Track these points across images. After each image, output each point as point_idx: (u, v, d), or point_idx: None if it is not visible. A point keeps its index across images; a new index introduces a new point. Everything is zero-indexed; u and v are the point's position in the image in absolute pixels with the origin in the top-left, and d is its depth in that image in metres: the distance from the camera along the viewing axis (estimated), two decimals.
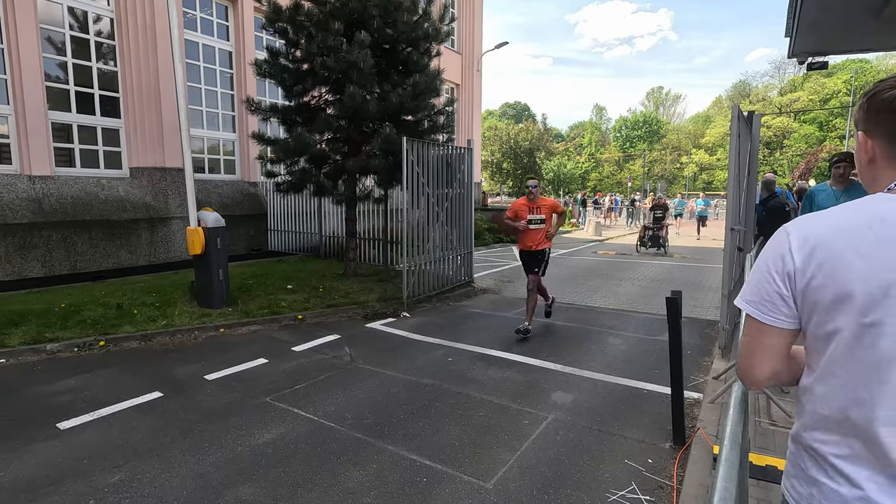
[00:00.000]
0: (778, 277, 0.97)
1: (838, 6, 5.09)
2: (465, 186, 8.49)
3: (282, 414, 3.78)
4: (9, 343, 5.04)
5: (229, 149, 11.87)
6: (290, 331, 6.07)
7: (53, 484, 2.85)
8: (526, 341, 5.72)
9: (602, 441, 3.43)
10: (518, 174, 29.15)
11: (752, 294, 1.02)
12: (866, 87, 26.34)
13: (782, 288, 0.97)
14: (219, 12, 11.32)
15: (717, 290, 8.01)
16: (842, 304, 0.89)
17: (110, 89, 9.47)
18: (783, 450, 3.09)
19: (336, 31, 7.11)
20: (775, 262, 0.98)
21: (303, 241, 11.45)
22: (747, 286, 1.05)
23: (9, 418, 3.67)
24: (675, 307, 3.24)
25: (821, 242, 0.92)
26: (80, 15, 9.02)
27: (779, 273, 0.97)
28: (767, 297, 0.99)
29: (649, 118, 70.39)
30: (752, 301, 1.02)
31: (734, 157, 4.76)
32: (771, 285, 0.98)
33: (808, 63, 6.82)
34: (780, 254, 0.97)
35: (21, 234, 7.87)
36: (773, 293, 0.98)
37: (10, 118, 8.15)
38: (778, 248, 0.98)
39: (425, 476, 2.98)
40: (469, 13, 20.13)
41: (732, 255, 5.02)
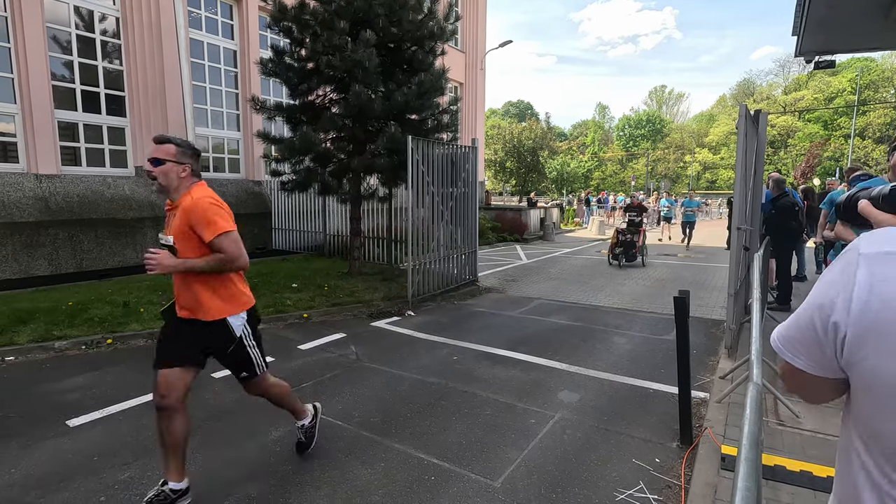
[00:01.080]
0: (820, 327, 0.81)
1: (846, 4, 5.07)
2: (470, 185, 8.49)
3: (289, 412, 3.78)
4: (17, 341, 5.07)
5: (233, 147, 11.89)
6: (295, 329, 6.09)
7: (64, 480, 2.87)
8: (531, 340, 5.72)
9: (609, 440, 3.43)
10: (521, 173, 29.12)
11: (788, 332, 0.89)
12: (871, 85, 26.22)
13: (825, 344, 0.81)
14: (223, 11, 11.33)
15: (723, 290, 8.00)
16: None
17: (116, 88, 9.49)
18: (791, 449, 3.10)
19: (341, 30, 7.12)
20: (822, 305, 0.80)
21: (307, 240, 11.47)
22: (790, 321, 0.90)
23: (19, 416, 3.70)
24: (683, 306, 3.24)
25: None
26: (86, 14, 9.05)
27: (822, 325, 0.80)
28: (804, 345, 0.85)
29: (653, 117, 70.22)
30: (785, 341, 0.89)
31: (741, 156, 4.75)
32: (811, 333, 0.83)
33: (815, 62, 6.79)
34: (831, 299, 0.79)
35: (28, 233, 7.91)
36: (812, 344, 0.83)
37: (17, 117, 8.18)
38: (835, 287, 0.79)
39: (433, 474, 2.99)
40: (473, 11, 20.10)
41: (739, 255, 5.01)
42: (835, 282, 0.80)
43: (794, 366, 0.87)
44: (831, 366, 0.81)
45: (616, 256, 11.34)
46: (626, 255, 11.26)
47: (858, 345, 0.75)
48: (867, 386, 0.76)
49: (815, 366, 0.84)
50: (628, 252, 11.25)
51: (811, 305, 0.83)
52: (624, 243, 11.36)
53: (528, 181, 29.47)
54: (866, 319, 0.73)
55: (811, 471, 2.84)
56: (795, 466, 2.89)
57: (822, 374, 0.84)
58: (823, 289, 0.82)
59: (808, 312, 0.83)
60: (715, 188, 56.53)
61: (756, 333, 2.42)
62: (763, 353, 2.46)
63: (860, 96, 46.19)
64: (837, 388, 0.85)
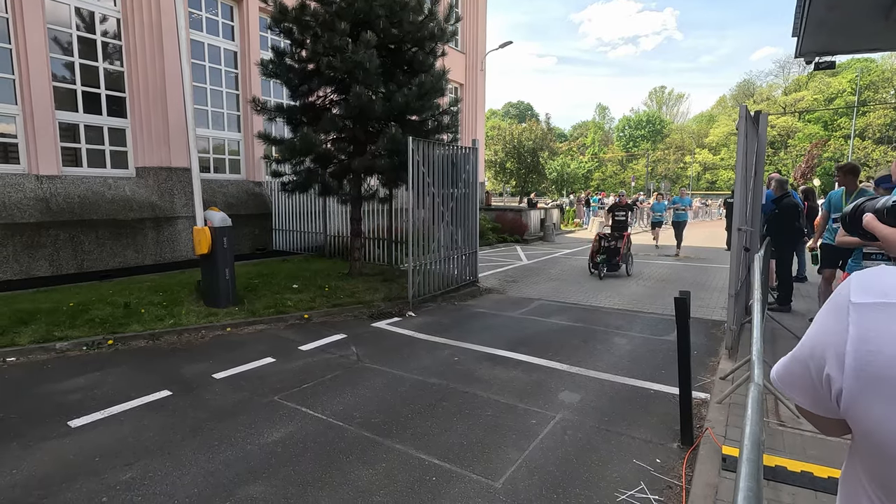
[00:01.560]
0: (815, 375, 0.78)
1: (846, 6, 5.08)
2: (470, 186, 8.49)
3: (290, 413, 3.80)
4: (19, 341, 5.08)
5: (234, 148, 11.90)
6: (296, 330, 6.09)
7: (66, 481, 2.88)
8: (531, 341, 5.72)
9: (610, 441, 3.43)
10: (522, 174, 29.13)
11: (786, 372, 0.86)
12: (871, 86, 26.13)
13: (820, 390, 0.78)
14: (224, 12, 11.34)
15: (723, 291, 8.00)
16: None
17: (117, 89, 9.50)
18: (792, 450, 3.10)
19: (342, 31, 7.13)
20: (813, 353, 0.78)
21: (307, 241, 11.47)
22: (787, 359, 0.86)
23: (20, 416, 3.70)
24: (684, 307, 3.24)
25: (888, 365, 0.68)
26: (87, 15, 9.06)
27: (817, 374, 0.78)
28: (801, 385, 0.83)
29: (653, 118, 70.25)
30: (783, 379, 0.86)
31: (741, 156, 4.75)
32: (807, 378, 0.80)
33: (815, 63, 6.80)
34: (822, 349, 0.76)
35: (29, 234, 7.92)
36: (808, 387, 0.81)
37: (18, 118, 8.19)
38: (827, 336, 0.76)
39: (434, 475, 2.99)
40: (473, 12, 20.12)
41: (739, 256, 5.01)
42: (826, 329, 0.77)
43: (799, 405, 0.85)
44: (831, 408, 0.78)
45: (596, 265, 9.91)
46: (608, 264, 9.88)
47: (854, 401, 0.73)
48: (866, 437, 0.74)
49: (816, 406, 0.82)
50: (611, 260, 9.92)
51: (805, 348, 0.81)
52: (607, 250, 10.04)
53: (528, 182, 29.48)
54: (860, 378, 0.71)
55: (812, 471, 2.84)
56: (796, 467, 2.90)
57: (823, 413, 0.82)
58: (816, 333, 0.80)
59: (803, 357, 0.81)
60: (715, 189, 56.54)
61: (757, 334, 2.43)
62: (764, 354, 2.47)
63: (860, 97, 46.20)
64: (844, 425, 0.82)
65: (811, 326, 0.82)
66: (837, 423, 0.82)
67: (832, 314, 0.77)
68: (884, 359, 0.68)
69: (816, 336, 0.79)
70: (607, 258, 9.88)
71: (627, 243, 10.17)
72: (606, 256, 9.88)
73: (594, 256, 10.04)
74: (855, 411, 0.73)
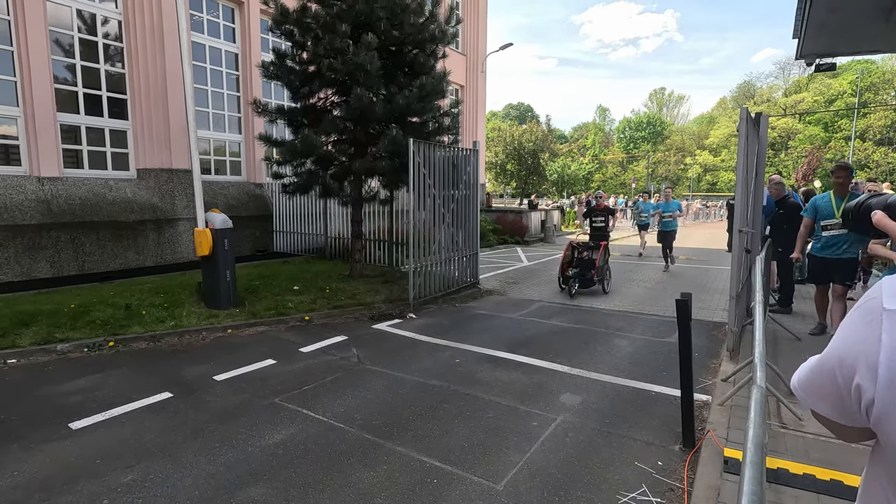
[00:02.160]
0: (843, 385, 0.75)
1: (847, 8, 5.09)
2: (471, 188, 8.50)
3: (291, 415, 3.79)
4: (20, 343, 5.08)
5: (235, 150, 11.92)
6: (297, 332, 6.09)
7: (67, 483, 2.87)
8: (532, 343, 5.72)
9: (611, 443, 3.42)
10: (522, 175, 29.12)
11: (809, 381, 0.82)
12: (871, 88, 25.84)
13: (847, 400, 0.75)
14: (225, 14, 11.37)
15: (724, 292, 8.00)
16: None
17: (118, 91, 9.52)
18: (794, 452, 3.09)
19: (343, 34, 7.14)
20: (843, 361, 0.75)
21: (308, 243, 11.48)
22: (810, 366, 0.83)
23: (21, 418, 3.70)
24: (685, 309, 3.24)
25: None
26: (89, 17, 9.08)
27: (845, 384, 0.75)
28: (825, 395, 0.80)
29: (653, 119, 70.29)
30: (805, 389, 0.83)
31: (742, 158, 4.75)
32: (834, 388, 0.77)
33: (816, 65, 6.81)
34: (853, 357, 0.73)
35: (30, 235, 7.93)
36: (835, 397, 0.78)
37: (20, 120, 8.21)
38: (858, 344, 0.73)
39: (435, 477, 2.98)
40: (473, 14, 20.15)
41: (740, 257, 5.01)
42: (857, 338, 0.73)
43: (818, 412, 0.82)
44: (857, 418, 0.75)
45: (567, 281, 8.34)
46: (580, 280, 8.29)
47: (886, 412, 0.69)
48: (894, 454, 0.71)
49: (840, 415, 0.78)
50: (585, 275, 8.36)
51: (833, 357, 0.77)
52: (581, 262, 8.53)
53: (528, 183, 29.47)
54: (894, 389, 0.67)
55: (814, 474, 2.84)
56: (798, 469, 2.89)
57: (848, 423, 0.78)
58: (845, 341, 0.75)
59: (830, 364, 0.77)
60: (716, 190, 56.54)
61: (759, 336, 2.43)
62: (766, 356, 2.47)
63: (860, 98, 46.21)
64: (866, 433, 0.80)
65: (838, 333, 0.78)
66: (860, 432, 0.80)
67: (863, 321, 0.73)
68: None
69: (845, 344, 0.75)
70: (581, 272, 8.38)
71: (605, 254, 8.64)
72: (580, 270, 8.40)
73: (565, 269, 8.59)
74: (887, 423, 0.70)
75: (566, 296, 8.29)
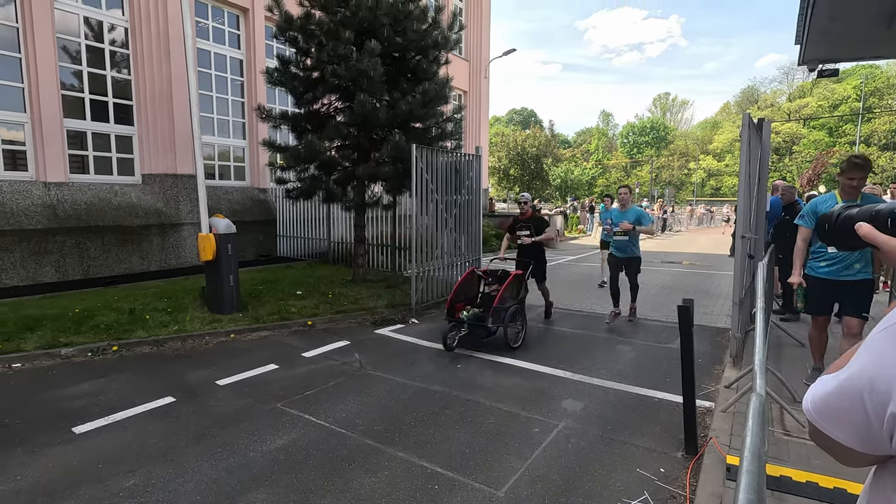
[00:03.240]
0: (872, 412, 0.68)
1: (849, 15, 5.09)
2: (474, 193, 8.52)
3: (293, 420, 3.80)
4: (24, 347, 5.11)
5: (239, 155, 11.99)
6: (299, 336, 6.10)
7: (70, 488, 2.89)
8: (534, 348, 5.71)
9: (613, 449, 3.41)
10: (525, 180, 29.17)
11: (827, 403, 0.75)
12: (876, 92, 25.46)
13: (874, 426, 0.69)
14: (230, 21, 11.48)
15: (727, 298, 7.96)
16: None
17: (124, 97, 9.61)
18: (797, 460, 3.07)
19: (346, 40, 7.19)
20: (873, 385, 0.68)
21: (311, 247, 11.51)
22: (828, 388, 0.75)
23: (25, 422, 3.72)
24: (687, 315, 3.23)
25: None
26: (96, 24, 9.18)
27: (875, 411, 0.68)
28: (847, 419, 0.72)
29: (656, 124, 70.28)
30: (820, 412, 0.76)
31: (745, 164, 4.75)
32: (859, 411, 0.70)
33: (818, 70, 6.81)
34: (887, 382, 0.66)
35: (36, 240, 7.99)
36: (859, 422, 0.71)
37: (27, 126, 8.30)
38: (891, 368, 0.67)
39: (436, 483, 2.98)
40: (477, 20, 20.26)
41: (743, 263, 5.00)
42: (889, 362, 0.66)
43: (830, 437, 0.75)
44: (881, 446, 0.69)
45: (455, 327, 5.47)
46: (472, 325, 5.40)
47: None
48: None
49: (862, 443, 0.72)
50: (478, 322, 5.39)
51: (861, 379, 0.70)
52: (484, 299, 5.75)
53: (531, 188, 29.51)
54: None
55: (817, 482, 2.82)
56: (801, 477, 2.87)
57: (868, 451, 0.72)
58: (874, 366, 0.69)
59: (857, 387, 0.70)
60: (720, 195, 56.41)
61: (760, 344, 2.42)
62: (767, 363, 2.46)
63: (865, 103, 46.08)
64: (879, 459, 0.75)
65: (862, 355, 0.71)
66: (874, 459, 0.74)
67: (892, 344, 0.66)
68: None
69: (875, 368, 0.68)
70: (479, 314, 5.47)
71: (515, 288, 5.72)
72: (481, 310, 5.52)
73: (452, 312, 5.53)
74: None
75: (571, 300, 8.24)
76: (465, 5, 19.74)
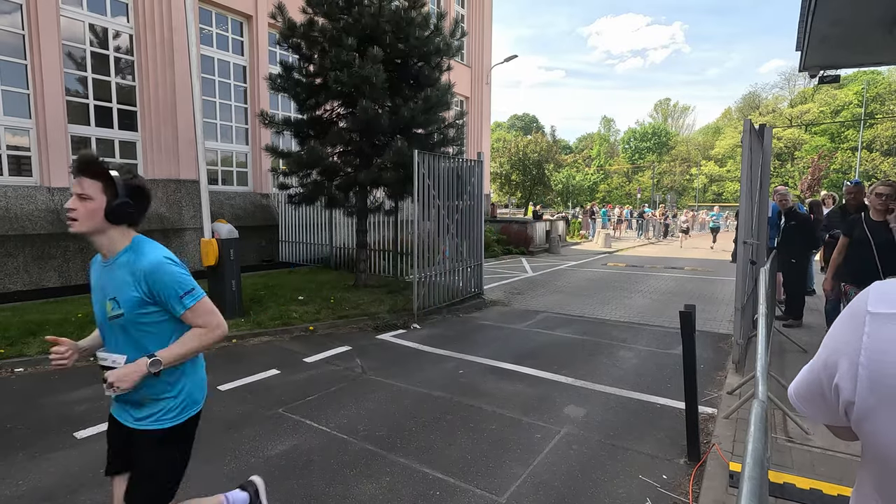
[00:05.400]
0: (826, 385, 0.78)
1: (849, 21, 5.11)
2: (476, 198, 8.53)
3: (294, 425, 3.80)
4: (27, 352, 5.13)
5: (242, 161, 12.05)
6: (301, 342, 6.10)
7: (71, 493, 2.88)
8: (537, 354, 5.70)
9: (615, 456, 3.40)
10: (527, 186, 29.20)
11: (800, 386, 0.85)
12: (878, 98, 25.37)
13: (831, 401, 0.78)
14: (234, 28, 11.57)
15: (730, 304, 7.94)
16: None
17: (128, 103, 9.68)
18: (800, 466, 3.06)
19: (349, 47, 7.24)
20: (827, 363, 0.78)
21: (313, 252, 11.53)
22: (803, 373, 0.86)
23: (27, 427, 3.73)
24: (689, 321, 3.23)
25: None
26: (101, 31, 9.26)
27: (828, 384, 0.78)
28: (813, 399, 0.82)
29: (658, 130, 70.38)
30: (798, 394, 0.86)
31: (746, 170, 4.76)
32: (819, 389, 0.80)
33: (819, 76, 6.82)
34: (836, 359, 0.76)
35: (39, 245, 8.02)
36: (819, 399, 0.81)
37: (32, 132, 8.35)
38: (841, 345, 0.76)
39: (438, 489, 2.97)
40: (478, 27, 20.37)
41: (745, 269, 4.99)
42: (841, 339, 0.76)
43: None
44: (841, 419, 0.78)
45: None
46: None
47: (865, 413, 0.71)
48: (874, 450, 0.73)
49: (825, 416, 0.81)
50: None
51: (819, 360, 0.80)
52: None
53: (533, 194, 29.55)
54: (874, 390, 0.69)
55: (821, 489, 2.80)
56: (805, 484, 2.86)
57: (837, 424, 0.81)
58: (831, 342, 0.79)
59: (817, 368, 0.80)
60: (721, 200, 56.37)
61: (762, 350, 2.42)
62: (770, 369, 2.45)
63: (867, 109, 46.09)
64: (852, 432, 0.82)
65: (826, 336, 0.82)
66: (850, 431, 0.80)
67: (848, 323, 0.76)
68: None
69: (830, 346, 0.78)
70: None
71: None
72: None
73: None
74: (867, 423, 0.71)
75: (573, 306, 8.26)
76: (467, 12, 19.86)
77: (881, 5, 4.76)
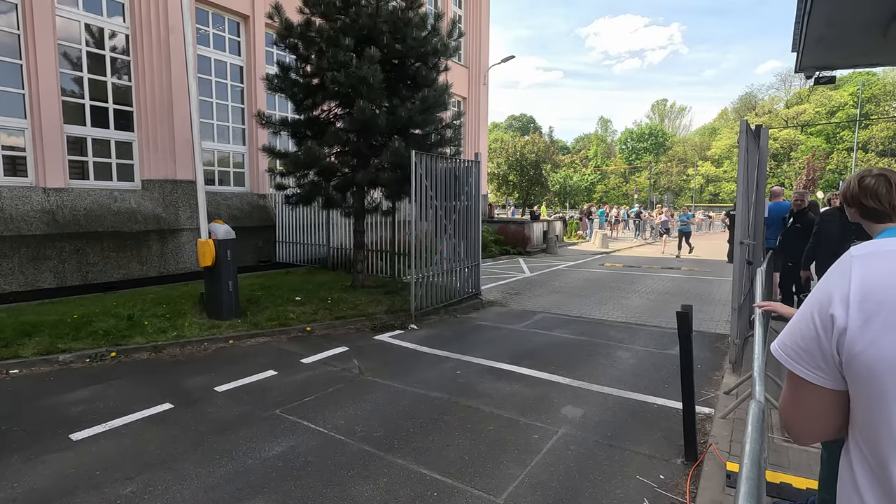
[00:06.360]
0: (819, 323, 0.82)
1: (845, 22, 5.13)
2: (473, 199, 8.53)
3: (291, 426, 3.79)
4: (22, 353, 5.10)
5: (239, 161, 12.02)
6: (298, 343, 6.09)
7: (67, 495, 2.87)
8: (534, 354, 5.70)
9: (613, 456, 3.40)
10: (524, 186, 29.20)
11: (789, 336, 0.88)
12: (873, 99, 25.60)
13: (823, 339, 0.82)
14: (231, 28, 11.54)
15: (727, 304, 7.97)
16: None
17: (124, 103, 9.64)
18: (797, 466, 3.07)
19: (346, 47, 7.23)
20: (820, 301, 0.84)
21: (311, 253, 11.51)
22: (788, 326, 0.90)
23: (22, 429, 3.70)
24: (686, 321, 3.23)
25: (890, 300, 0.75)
26: (97, 31, 9.23)
27: (821, 321, 0.82)
28: (804, 346, 0.85)
29: (655, 130, 70.56)
30: (785, 346, 0.88)
31: (742, 170, 4.77)
32: (810, 332, 0.83)
33: (815, 78, 6.85)
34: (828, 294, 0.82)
35: (35, 246, 7.98)
36: (811, 342, 0.84)
37: (27, 132, 8.31)
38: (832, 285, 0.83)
39: (435, 490, 2.97)
40: (476, 27, 20.38)
41: (742, 269, 5.01)
42: (831, 282, 0.84)
43: (795, 374, 0.87)
44: (831, 370, 0.81)
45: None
46: None
47: (857, 337, 0.77)
48: (870, 373, 0.76)
49: (815, 371, 0.84)
50: None
51: (809, 305, 0.87)
52: None
53: (531, 194, 29.55)
54: (864, 310, 0.76)
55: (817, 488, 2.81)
56: (802, 484, 2.86)
57: (821, 382, 0.84)
58: (820, 287, 0.86)
59: (807, 310, 0.86)
60: (718, 201, 56.55)
61: (759, 350, 2.42)
62: (767, 369, 2.46)
63: (862, 110, 46.32)
64: (835, 408, 0.85)
65: (815, 289, 0.89)
66: (828, 406, 0.84)
67: (836, 270, 0.85)
68: (884, 287, 0.76)
69: (821, 289, 0.86)
70: None
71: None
72: None
73: None
74: (860, 346, 0.77)
75: (570, 307, 8.27)
76: (464, 12, 19.87)
77: (876, 7, 4.78)
